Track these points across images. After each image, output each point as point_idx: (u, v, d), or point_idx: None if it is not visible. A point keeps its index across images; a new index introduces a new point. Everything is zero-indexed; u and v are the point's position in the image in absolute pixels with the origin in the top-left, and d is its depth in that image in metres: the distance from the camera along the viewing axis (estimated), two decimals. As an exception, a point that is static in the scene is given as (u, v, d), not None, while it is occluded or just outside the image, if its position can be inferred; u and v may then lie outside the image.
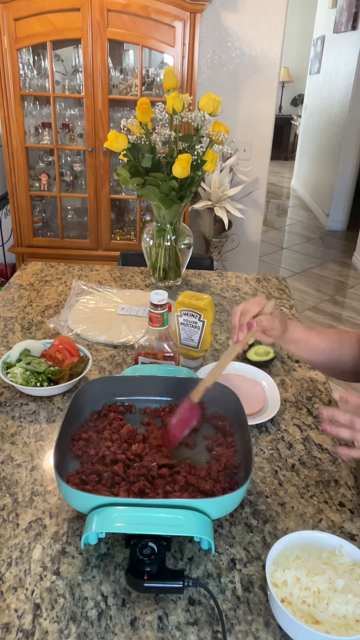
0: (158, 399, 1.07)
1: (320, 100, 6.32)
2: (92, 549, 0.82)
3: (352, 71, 5.07)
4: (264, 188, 3.27)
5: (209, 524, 0.76)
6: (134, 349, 1.37)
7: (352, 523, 0.89)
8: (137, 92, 2.64)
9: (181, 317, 1.26)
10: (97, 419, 1.01)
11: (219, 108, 1.54)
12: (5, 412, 1.12)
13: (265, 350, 1.33)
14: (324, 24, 6.19)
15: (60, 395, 1.18)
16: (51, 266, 1.90)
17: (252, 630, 0.72)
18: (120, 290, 1.69)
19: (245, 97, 3.02)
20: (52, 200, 2.97)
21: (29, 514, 0.88)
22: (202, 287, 1.78)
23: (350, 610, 0.68)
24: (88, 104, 2.57)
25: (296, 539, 0.78)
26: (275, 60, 2.94)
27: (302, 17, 7.77)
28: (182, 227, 1.69)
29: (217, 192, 2.98)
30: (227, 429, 1.01)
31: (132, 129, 1.55)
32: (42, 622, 0.71)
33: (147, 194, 1.53)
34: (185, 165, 1.45)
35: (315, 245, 5.36)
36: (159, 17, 2.42)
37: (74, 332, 1.43)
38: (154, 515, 0.75)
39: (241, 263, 3.44)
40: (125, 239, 2.97)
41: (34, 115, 2.74)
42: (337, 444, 1.08)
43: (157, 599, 0.75)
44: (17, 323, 1.49)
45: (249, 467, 0.82)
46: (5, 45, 2.45)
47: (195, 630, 0.71)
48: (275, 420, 1.14)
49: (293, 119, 8.95)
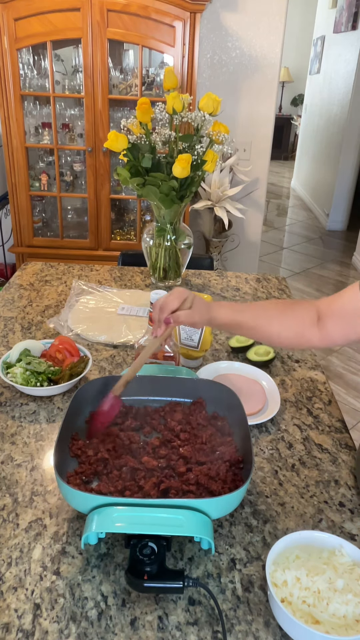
0: (158, 399, 1.07)
1: (320, 100, 6.32)
2: (92, 549, 0.82)
3: (352, 71, 5.07)
4: (264, 188, 3.27)
5: (209, 524, 0.76)
6: (134, 349, 1.37)
7: (352, 523, 0.89)
8: (137, 92, 2.64)
9: (181, 317, 1.26)
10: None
11: (219, 108, 1.54)
12: (5, 412, 1.12)
13: (265, 350, 1.34)
14: (324, 24, 6.19)
15: (60, 395, 1.18)
16: (51, 266, 1.90)
17: (252, 630, 0.72)
18: (120, 290, 1.69)
19: (245, 97, 3.02)
20: (52, 200, 2.97)
21: (29, 514, 0.88)
22: (202, 287, 1.78)
23: (350, 610, 0.68)
24: (88, 104, 2.57)
25: (296, 539, 0.78)
26: (275, 60, 2.94)
27: (302, 17, 7.76)
28: (182, 227, 1.69)
29: (217, 192, 2.98)
30: (227, 429, 1.01)
31: (132, 129, 1.55)
32: (42, 622, 0.71)
33: (147, 194, 1.53)
34: (185, 165, 1.45)
35: (315, 245, 5.36)
36: (159, 17, 2.42)
37: (74, 332, 1.43)
38: (154, 515, 0.75)
39: (241, 263, 3.44)
40: (125, 239, 2.97)
41: (34, 115, 2.74)
42: (337, 444, 1.08)
43: (157, 599, 0.75)
44: (17, 323, 1.49)
45: (249, 467, 0.82)
46: (5, 45, 2.45)
47: (195, 630, 0.71)
48: (275, 420, 1.14)
49: (293, 119, 8.94)
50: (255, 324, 1.03)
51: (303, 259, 4.97)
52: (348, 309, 0.96)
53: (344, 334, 0.98)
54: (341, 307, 0.97)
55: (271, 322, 1.03)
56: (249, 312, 1.05)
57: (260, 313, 1.05)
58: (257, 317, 1.04)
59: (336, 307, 0.98)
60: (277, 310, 1.05)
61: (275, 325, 1.03)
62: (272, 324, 1.03)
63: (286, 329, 1.02)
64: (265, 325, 1.03)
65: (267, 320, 1.03)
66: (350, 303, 0.96)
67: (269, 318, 1.04)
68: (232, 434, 1.00)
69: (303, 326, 1.01)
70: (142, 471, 0.89)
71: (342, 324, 0.97)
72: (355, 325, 0.96)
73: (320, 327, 0.99)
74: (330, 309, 0.99)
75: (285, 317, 1.03)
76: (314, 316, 1.00)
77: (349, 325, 0.97)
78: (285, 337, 1.03)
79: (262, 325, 1.03)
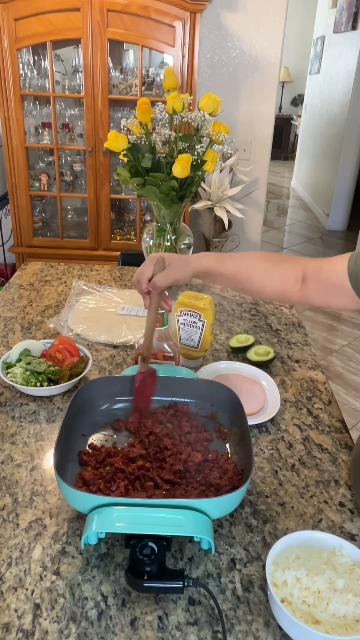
0: (158, 399, 1.07)
1: (320, 100, 6.32)
2: (92, 549, 0.82)
3: (352, 71, 5.07)
4: (264, 188, 3.27)
5: (209, 524, 0.76)
6: (134, 349, 1.37)
7: (352, 523, 0.89)
8: (137, 92, 2.64)
9: (181, 317, 1.26)
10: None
11: (219, 108, 1.54)
12: (5, 412, 1.12)
13: (265, 350, 1.33)
14: (324, 24, 6.19)
15: (60, 395, 1.18)
16: (51, 266, 1.90)
17: (252, 630, 0.72)
18: (120, 290, 1.69)
19: (245, 97, 3.02)
20: (52, 200, 2.97)
21: (29, 514, 0.88)
22: (202, 287, 1.78)
23: (350, 610, 0.68)
24: (88, 104, 2.57)
25: (296, 539, 0.78)
26: (275, 60, 2.94)
27: (302, 17, 7.77)
28: (182, 227, 1.69)
29: (217, 192, 2.98)
30: (227, 429, 1.01)
31: (132, 129, 1.55)
32: (42, 622, 0.71)
33: (147, 194, 1.53)
34: (185, 165, 1.45)
35: (315, 245, 5.36)
36: (159, 17, 2.42)
37: (74, 332, 1.43)
38: (154, 515, 0.75)
39: (241, 263, 3.44)
40: (125, 239, 2.97)
41: (34, 115, 2.74)
42: (337, 444, 1.08)
43: (157, 599, 0.75)
44: (17, 323, 1.49)
45: (249, 467, 0.82)
46: (5, 45, 2.45)
47: (195, 630, 0.71)
48: (275, 420, 1.14)
49: (293, 119, 8.95)
50: (237, 274, 1.02)
51: (303, 259, 4.97)
52: (334, 280, 0.96)
53: (325, 300, 1.00)
54: (328, 276, 0.97)
55: (253, 275, 1.02)
56: (232, 262, 1.03)
57: (243, 263, 1.04)
58: (240, 267, 1.03)
59: (323, 275, 0.98)
60: (262, 263, 1.04)
61: (257, 279, 1.02)
62: (254, 277, 1.02)
63: (268, 284, 1.02)
64: (247, 277, 1.02)
65: (250, 272, 1.02)
66: (337, 274, 0.96)
67: (252, 271, 1.02)
68: (232, 434, 1.00)
69: (286, 284, 1.00)
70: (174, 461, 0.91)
71: (325, 291, 0.98)
72: (338, 296, 0.97)
73: (303, 288, 1.00)
74: (316, 275, 0.99)
75: (270, 273, 1.02)
76: (299, 275, 1.00)
77: (332, 294, 0.98)
78: (266, 293, 1.03)
79: (244, 277, 1.02)
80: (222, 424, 1.03)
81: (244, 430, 0.93)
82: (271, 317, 1.60)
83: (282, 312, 1.64)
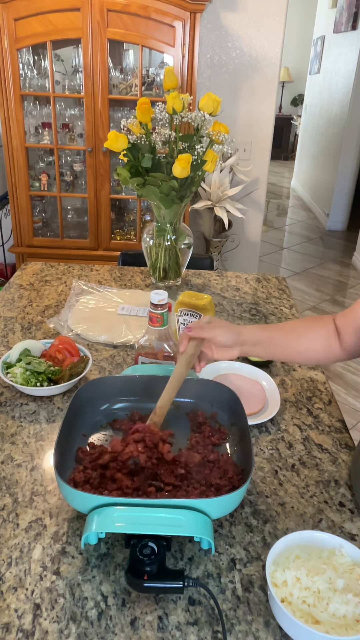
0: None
1: (320, 100, 6.32)
2: (92, 549, 0.82)
3: (352, 71, 5.07)
4: (264, 188, 3.27)
5: (209, 524, 0.76)
6: (134, 349, 1.37)
7: (352, 523, 0.89)
8: (137, 92, 2.64)
9: (181, 317, 1.26)
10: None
11: (219, 108, 1.54)
12: (5, 412, 1.12)
13: (265, 350, 1.33)
14: (324, 24, 6.19)
15: (60, 395, 1.18)
16: (51, 266, 1.90)
17: (252, 630, 0.72)
18: (120, 290, 1.69)
19: (245, 97, 3.02)
20: (52, 200, 2.97)
21: (29, 514, 0.88)
22: (202, 287, 1.78)
23: (350, 610, 0.68)
24: (88, 104, 2.57)
25: (296, 539, 0.78)
26: (275, 60, 2.94)
27: (302, 17, 7.76)
28: (182, 227, 1.69)
29: (217, 192, 2.98)
30: (227, 429, 1.01)
31: (132, 129, 1.55)
32: (42, 622, 0.71)
33: (147, 194, 1.53)
34: (185, 165, 1.45)
35: (315, 245, 5.36)
36: (159, 17, 2.42)
37: (74, 332, 1.43)
38: (154, 515, 0.75)
39: (241, 263, 3.44)
40: (125, 239, 2.97)
41: (34, 115, 2.74)
42: (337, 444, 1.08)
43: (157, 599, 0.75)
44: (17, 323, 1.49)
45: (249, 467, 0.82)
46: (5, 45, 2.45)
47: (195, 630, 0.71)
48: (275, 420, 1.14)
49: (293, 119, 8.94)
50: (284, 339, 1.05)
51: (303, 259, 4.97)
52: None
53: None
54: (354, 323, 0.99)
55: (299, 336, 1.05)
56: (276, 329, 1.08)
57: (286, 328, 1.08)
58: (285, 331, 1.06)
59: (350, 323, 1.00)
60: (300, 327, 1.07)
61: (303, 340, 1.05)
62: (300, 338, 1.05)
63: (314, 343, 1.04)
64: (294, 339, 1.05)
65: (296, 335, 1.05)
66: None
67: (297, 333, 1.05)
68: (232, 434, 0.99)
69: (329, 339, 1.03)
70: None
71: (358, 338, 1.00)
72: None
73: (340, 342, 1.02)
74: (345, 325, 1.01)
75: (311, 332, 1.05)
76: (334, 330, 1.03)
77: None
78: (313, 351, 1.05)
79: (291, 339, 1.05)
80: (222, 424, 1.03)
81: (244, 430, 0.93)
82: (271, 317, 1.60)
83: (282, 312, 1.64)
